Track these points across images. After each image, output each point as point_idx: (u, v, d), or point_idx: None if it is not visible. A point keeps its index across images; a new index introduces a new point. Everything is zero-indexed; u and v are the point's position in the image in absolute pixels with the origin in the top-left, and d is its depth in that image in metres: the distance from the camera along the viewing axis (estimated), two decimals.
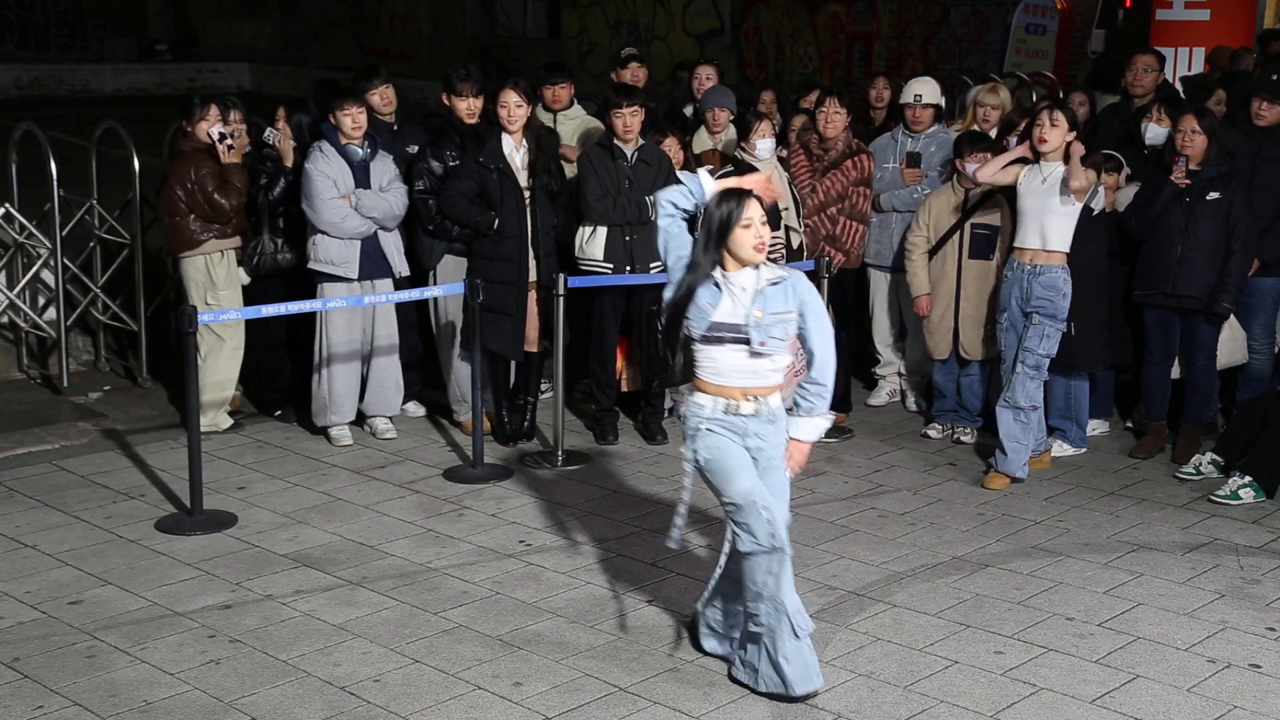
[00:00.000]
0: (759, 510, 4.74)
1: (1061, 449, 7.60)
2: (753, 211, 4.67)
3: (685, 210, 4.84)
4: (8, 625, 5.47)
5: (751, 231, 4.66)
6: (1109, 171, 7.62)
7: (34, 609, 5.61)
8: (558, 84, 8.35)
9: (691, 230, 4.85)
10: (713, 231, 4.69)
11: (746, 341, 4.70)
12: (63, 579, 5.92)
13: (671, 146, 7.84)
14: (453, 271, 7.69)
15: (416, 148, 7.92)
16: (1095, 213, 7.33)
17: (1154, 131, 7.76)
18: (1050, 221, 7.01)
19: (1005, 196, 7.40)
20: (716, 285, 4.72)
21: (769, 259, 4.86)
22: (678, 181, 4.91)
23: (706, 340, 4.75)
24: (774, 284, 4.75)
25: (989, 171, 7.23)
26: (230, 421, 7.92)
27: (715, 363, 4.79)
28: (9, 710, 4.81)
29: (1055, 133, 7.01)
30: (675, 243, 4.84)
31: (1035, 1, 13.95)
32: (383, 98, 8.06)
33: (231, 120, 7.79)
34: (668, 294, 4.82)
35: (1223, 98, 8.67)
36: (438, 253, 7.73)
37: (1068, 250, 7.06)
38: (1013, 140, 7.52)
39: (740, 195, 4.71)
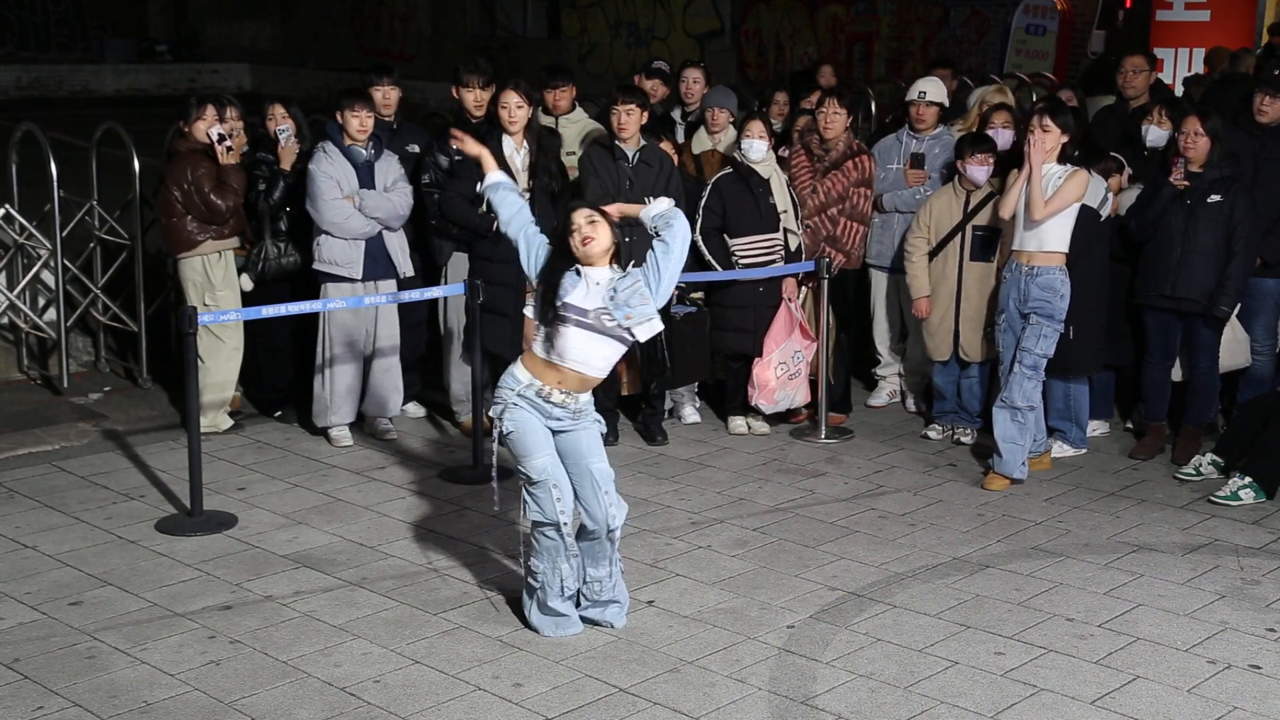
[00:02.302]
0: (550, 488, 5.20)
1: (1061, 450, 7.59)
2: (578, 219, 5.20)
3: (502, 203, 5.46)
4: (8, 626, 5.47)
5: (575, 236, 5.18)
6: (1111, 174, 7.62)
7: (34, 610, 5.61)
8: (559, 88, 8.31)
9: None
10: (560, 243, 5.26)
11: (589, 327, 5.15)
12: (63, 580, 5.92)
13: (666, 150, 7.82)
14: (465, 268, 7.67)
15: (415, 148, 7.92)
16: (1102, 218, 7.32)
17: (1155, 134, 7.75)
18: (1047, 223, 7.01)
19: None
20: (577, 273, 5.19)
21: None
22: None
23: (558, 318, 5.16)
24: (623, 276, 5.21)
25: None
26: (230, 422, 7.92)
27: (556, 341, 5.18)
28: (9, 711, 4.81)
29: (1049, 137, 7.01)
30: (526, 238, 5.38)
31: (1035, 2, 13.96)
32: (385, 97, 8.04)
33: (229, 118, 7.79)
34: (533, 264, 5.35)
35: None
36: (448, 250, 7.72)
37: (1066, 251, 7.06)
38: (999, 133, 7.59)
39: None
